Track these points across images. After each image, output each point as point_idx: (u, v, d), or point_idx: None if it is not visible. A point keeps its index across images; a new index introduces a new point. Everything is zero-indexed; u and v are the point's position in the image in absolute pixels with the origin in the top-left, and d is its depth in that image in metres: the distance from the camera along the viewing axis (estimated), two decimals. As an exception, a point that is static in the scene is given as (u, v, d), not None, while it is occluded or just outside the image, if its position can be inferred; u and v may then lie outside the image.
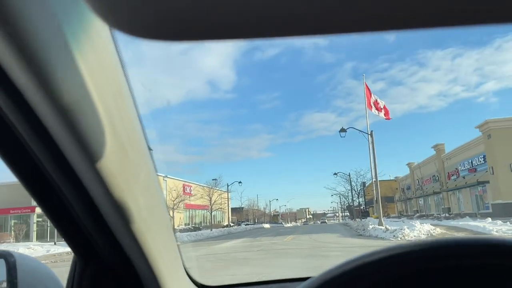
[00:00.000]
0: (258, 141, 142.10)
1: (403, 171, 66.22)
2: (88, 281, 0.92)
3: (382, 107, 33.00)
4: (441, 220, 30.67)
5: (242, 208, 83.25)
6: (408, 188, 58.05)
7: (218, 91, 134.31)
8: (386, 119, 34.70)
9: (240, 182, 52.81)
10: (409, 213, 56.77)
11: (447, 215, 35.88)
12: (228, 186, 53.15)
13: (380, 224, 24.83)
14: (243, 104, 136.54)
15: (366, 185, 67.45)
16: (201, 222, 58.34)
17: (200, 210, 57.59)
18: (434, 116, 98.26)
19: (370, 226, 24.70)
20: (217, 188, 48.39)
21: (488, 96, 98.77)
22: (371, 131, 27.77)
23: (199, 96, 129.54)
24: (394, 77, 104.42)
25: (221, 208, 53.84)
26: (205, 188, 47.15)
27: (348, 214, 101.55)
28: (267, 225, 70.44)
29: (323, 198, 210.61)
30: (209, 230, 40.08)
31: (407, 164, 56.46)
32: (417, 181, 52.74)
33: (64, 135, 0.62)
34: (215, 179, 52.89)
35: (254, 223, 79.41)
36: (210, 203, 45.28)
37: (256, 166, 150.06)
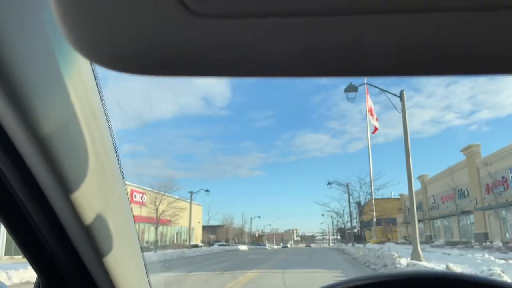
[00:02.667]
0: (249, 159, 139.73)
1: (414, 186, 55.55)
2: None
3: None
4: (505, 253, 19.04)
5: (219, 226, 71.06)
6: (418, 207, 46.34)
7: (212, 108, 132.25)
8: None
9: (207, 191, 40.97)
10: (420, 239, 45.08)
11: (497, 243, 24.26)
12: (192, 194, 41.14)
13: (417, 256, 13.26)
14: (236, 122, 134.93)
15: (362, 204, 56.22)
16: (157, 241, 46.00)
17: (159, 225, 45.23)
18: (426, 141, 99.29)
19: (403, 261, 13.01)
20: (168, 194, 36.21)
21: (480, 125, 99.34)
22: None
23: (192, 112, 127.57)
24: (388, 101, 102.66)
25: (174, 222, 41.63)
26: (160, 194, 34.99)
27: (340, 237, 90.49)
28: (243, 247, 58.05)
29: (312, 220, 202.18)
30: (152, 252, 28.24)
31: (419, 178, 44.99)
32: (432, 198, 41.17)
33: (34, 154, 0.62)
34: (191, 192, 41.09)
35: (229, 243, 67.25)
36: (156, 214, 33.15)
37: (245, 184, 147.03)
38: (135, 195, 37.46)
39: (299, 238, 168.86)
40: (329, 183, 37.79)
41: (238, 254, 32.48)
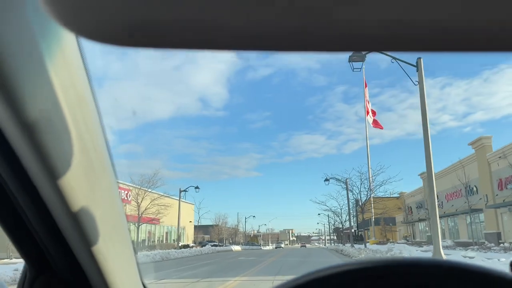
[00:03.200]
0: (246, 160, 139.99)
1: (411, 185, 53.28)
2: None
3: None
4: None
5: (213, 226, 68.29)
6: (420, 206, 43.86)
7: (209, 108, 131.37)
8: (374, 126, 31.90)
9: (197, 188, 38.17)
10: (421, 239, 42.44)
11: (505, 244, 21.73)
12: (180, 192, 38.40)
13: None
14: (233, 122, 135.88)
15: (363, 201, 53.85)
16: (144, 241, 43.25)
17: (146, 225, 42.48)
18: (421, 142, 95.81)
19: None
20: (151, 190, 33.41)
21: (474, 126, 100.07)
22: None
23: (190, 112, 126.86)
24: (384, 102, 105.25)
25: (159, 220, 38.91)
26: (143, 190, 32.18)
27: (336, 237, 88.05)
28: (237, 247, 55.39)
29: (308, 220, 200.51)
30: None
31: (420, 175, 42.44)
32: (436, 196, 38.55)
33: (22, 144, 0.61)
34: (185, 190, 38.35)
35: (223, 244, 64.55)
36: (138, 211, 30.38)
37: (242, 185, 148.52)
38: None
39: (294, 239, 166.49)
40: (326, 180, 35.18)
41: (228, 255, 29.87)
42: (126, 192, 35.68)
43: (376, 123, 53.73)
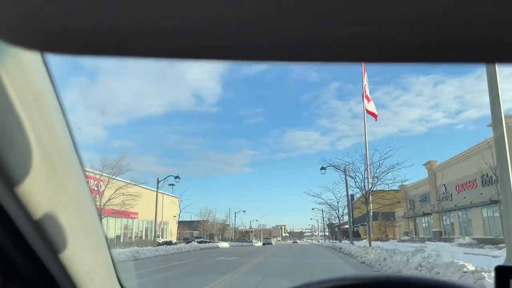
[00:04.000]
0: (240, 156, 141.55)
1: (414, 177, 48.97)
2: None
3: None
4: None
5: (202, 221, 63.88)
6: (424, 200, 39.76)
7: (203, 104, 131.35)
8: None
9: (177, 177, 33.72)
10: (425, 235, 38.36)
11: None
12: (158, 182, 33.88)
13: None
14: (227, 119, 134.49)
15: (366, 190, 49.68)
16: (119, 237, 38.72)
17: (121, 219, 37.93)
18: (415, 138, 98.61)
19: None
20: (117, 178, 28.78)
21: (467, 124, 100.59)
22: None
23: (183, 108, 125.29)
24: (378, 99, 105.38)
25: (135, 214, 34.37)
26: (106, 177, 27.52)
27: (329, 233, 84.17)
28: (225, 244, 51.05)
29: (301, 217, 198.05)
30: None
31: (426, 164, 38.30)
32: (442, 187, 34.48)
33: None
34: (164, 179, 33.82)
35: (212, 240, 60.16)
36: (100, 201, 25.79)
37: (235, 181, 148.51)
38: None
39: (287, 234, 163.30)
40: (322, 168, 30.87)
41: (209, 254, 25.53)
42: (95, 182, 31.07)
43: (370, 111, 49.49)
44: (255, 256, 21.33)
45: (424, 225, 40.84)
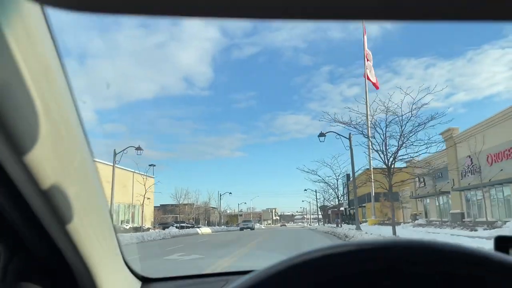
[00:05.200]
0: (231, 140, 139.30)
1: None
2: (13, 274, 0.81)
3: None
4: None
5: (186, 205, 57.00)
6: (439, 176, 33.05)
7: (193, 88, 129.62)
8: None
9: (138, 149, 26.53)
10: (439, 218, 31.88)
11: None
12: (115, 154, 26.66)
13: None
14: (218, 102, 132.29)
15: (391, 159, 42.81)
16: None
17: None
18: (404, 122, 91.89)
19: None
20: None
21: (457, 107, 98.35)
22: None
23: (174, 92, 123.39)
24: (369, 83, 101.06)
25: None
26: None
27: (322, 216, 78.12)
28: (206, 230, 44.20)
29: (292, 199, 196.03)
30: None
31: (444, 133, 31.38)
32: (467, 159, 27.74)
33: None
34: (122, 151, 26.70)
35: (198, 224, 53.47)
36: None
37: (226, 165, 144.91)
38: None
39: (278, 218, 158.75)
40: (321, 135, 23.89)
41: (170, 245, 18.70)
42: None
43: (371, 79, 42.83)
44: (236, 245, 14.42)
45: (438, 206, 34.27)
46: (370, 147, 16.71)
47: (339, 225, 36.58)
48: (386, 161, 16.11)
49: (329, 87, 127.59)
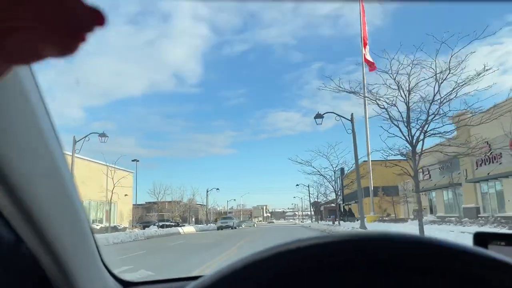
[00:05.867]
0: (222, 138, 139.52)
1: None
2: None
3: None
4: None
5: (170, 202, 52.74)
6: (448, 167, 29.35)
7: (184, 85, 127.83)
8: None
9: (102, 136, 22.30)
10: (447, 213, 28.24)
11: None
12: (75, 142, 22.37)
13: None
14: (209, 100, 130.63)
15: (347, 171, 39.35)
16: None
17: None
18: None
19: None
20: None
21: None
22: None
23: (164, 89, 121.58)
24: (359, 79, 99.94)
25: None
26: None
27: (314, 212, 74.39)
28: (189, 229, 40.11)
29: (283, 196, 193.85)
30: None
31: (455, 117, 27.61)
32: (483, 145, 24.00)
33: None
34: (83, 139, 22.39)
35: (178, 223, 49.17)
36: None
37: (217, 162, 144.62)
38: None
39: (269, 215, 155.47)
40: (318, 116, 19.96)
41: (135, 249, 14.67)
42: None
43: (368, 60, 39.06)
44: (203, 259, 10.36)
45: (447, 200, 30.62)
46: (392, 116, 12.66)
47: (337, 222, 32.71)
48: (410, 138, 12.15)
49: (319, 84, 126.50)
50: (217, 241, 19.08)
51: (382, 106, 12.57)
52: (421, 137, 11.96)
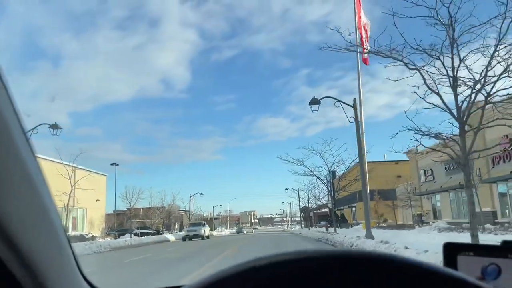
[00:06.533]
0: (210, 143, 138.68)
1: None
2: None
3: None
4: None
5: (150, 208, 48.48)
6: (455, 167, 26.06)
7: (172, 90, 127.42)
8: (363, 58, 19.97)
9: (54, 126, 18.44)
10: (456, 219, 24.94)
11: None
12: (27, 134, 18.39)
13: None
14: (197, 105, 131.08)
15: (338, 173, 35.48)
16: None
17: None
18: (380, 125, 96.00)
19: None
20: None
21: (432, 110, 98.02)
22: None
23: (151, 94, 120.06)
24: (347, 86, 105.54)
25: None
26: None
27: (303, 218, 70.72)
28: (167, 237, 36.09)
29: (271, 202, 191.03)
30: None
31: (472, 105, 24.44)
32: (505, 139, 20.79)
33: None
34: (32, 130, 18.39)
35: (158, 231, 44.83)
36: None
37: (205, 168, 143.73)
38: None
39: (257, 221, 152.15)
40: (314, 102, 16.37)
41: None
42: None
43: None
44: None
45: (456, 203, 27.28)
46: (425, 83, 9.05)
47: (332, 229, 29.08)
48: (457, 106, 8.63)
49: (308, 90, 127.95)
50: (187, 255, 15.24)
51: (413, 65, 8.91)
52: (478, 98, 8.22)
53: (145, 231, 39.86)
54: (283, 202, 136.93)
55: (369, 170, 33.11)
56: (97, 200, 37.81)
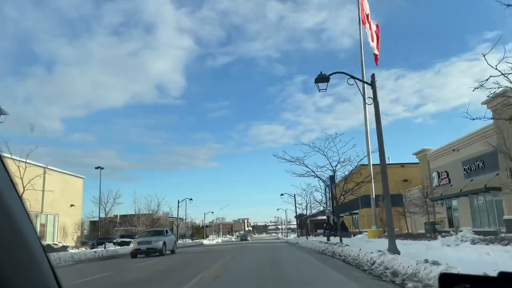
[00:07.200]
0: (204, 150, 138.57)
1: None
2: None
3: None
4: None
5: (135, 215, 44.57)
6: (478, 167, 22.65)
7: (167, 97, 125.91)
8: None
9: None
10: (478, 227, 21.45)
11: None
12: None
13: None
14: (191, 112, 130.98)
15: (337, 177, 32.00)
16: None
17: None
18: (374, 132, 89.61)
19: None
20: None
21: (425, 118, 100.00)
22: None
23: (146, 101, 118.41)
24: (342, 93, 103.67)
25: None
26: None
27: (298, 226, 67.03)
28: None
29: (265, 210, 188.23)
30: None
31: (488, 103, 21.03)
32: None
33: None
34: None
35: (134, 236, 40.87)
36: None
37: (200, 175, 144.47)
38: None
39: (250, 228, 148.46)
40: (321, 78, 12.86)
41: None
42: None
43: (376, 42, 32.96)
44: None
45: (478, 208, 23.78)
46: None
47: (335, 238, 25.40)
48: None
49: (303, 97, 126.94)
50: (159, 275, 11.50)
51: None
52: None
53: (127, 239, 35.93)
54: (278, 209, 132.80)
55: (375, 173, 29.73)
56: (71, 205, 33.88)
